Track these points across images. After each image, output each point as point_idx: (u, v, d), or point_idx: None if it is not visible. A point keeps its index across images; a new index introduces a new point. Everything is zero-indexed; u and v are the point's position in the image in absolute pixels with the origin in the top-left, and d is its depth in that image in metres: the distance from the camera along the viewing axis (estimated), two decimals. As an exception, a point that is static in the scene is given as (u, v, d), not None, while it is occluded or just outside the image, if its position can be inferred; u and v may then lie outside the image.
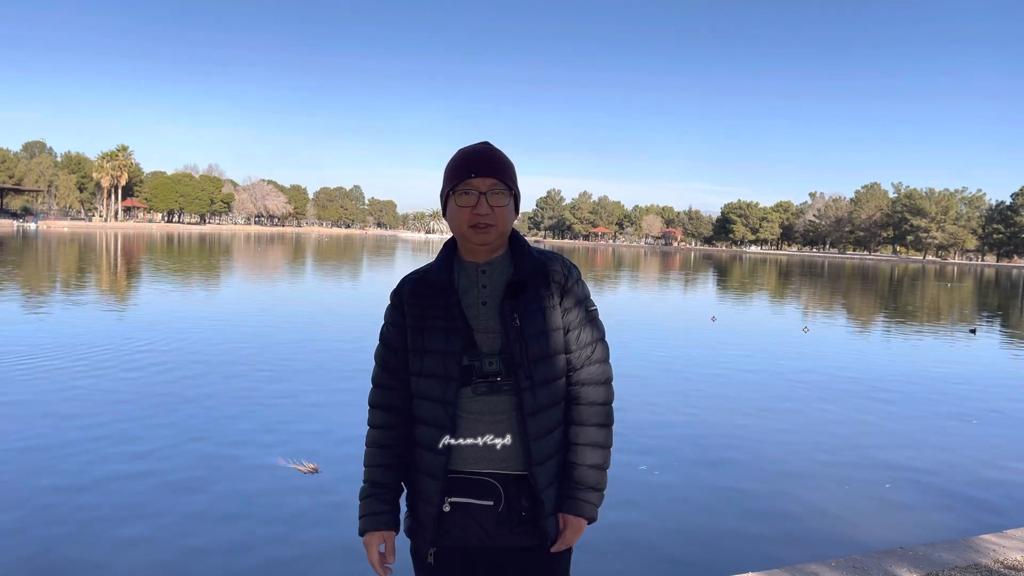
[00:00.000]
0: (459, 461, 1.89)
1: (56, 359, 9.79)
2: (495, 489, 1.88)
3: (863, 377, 11.26)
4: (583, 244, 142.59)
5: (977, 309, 27.70)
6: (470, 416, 1.88)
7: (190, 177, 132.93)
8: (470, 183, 1.88)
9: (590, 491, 1.93)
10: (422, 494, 1.92)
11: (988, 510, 5.71)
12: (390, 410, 1.98)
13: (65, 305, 16.22)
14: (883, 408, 9.19)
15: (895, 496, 5.94)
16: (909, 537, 4.89)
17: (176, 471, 5.78)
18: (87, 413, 7.29)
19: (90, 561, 4.32)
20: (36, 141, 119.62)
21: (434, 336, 1.90)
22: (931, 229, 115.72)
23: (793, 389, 10.13)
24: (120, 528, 4.73)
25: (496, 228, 1.89)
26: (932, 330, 19.29)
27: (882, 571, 3.76)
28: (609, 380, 1.99)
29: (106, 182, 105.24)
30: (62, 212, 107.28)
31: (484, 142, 1.99)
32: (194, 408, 7.68)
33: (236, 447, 6.44)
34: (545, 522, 1.90)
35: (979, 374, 12.43)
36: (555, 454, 1.92)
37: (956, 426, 8.44)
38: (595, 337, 1.98)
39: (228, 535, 4.72)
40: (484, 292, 1.92)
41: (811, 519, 5.39)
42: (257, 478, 5.70)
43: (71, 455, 6.05)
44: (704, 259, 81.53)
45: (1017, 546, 4.23)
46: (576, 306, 1.96)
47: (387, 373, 1.98)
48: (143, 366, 9.63)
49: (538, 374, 1.87)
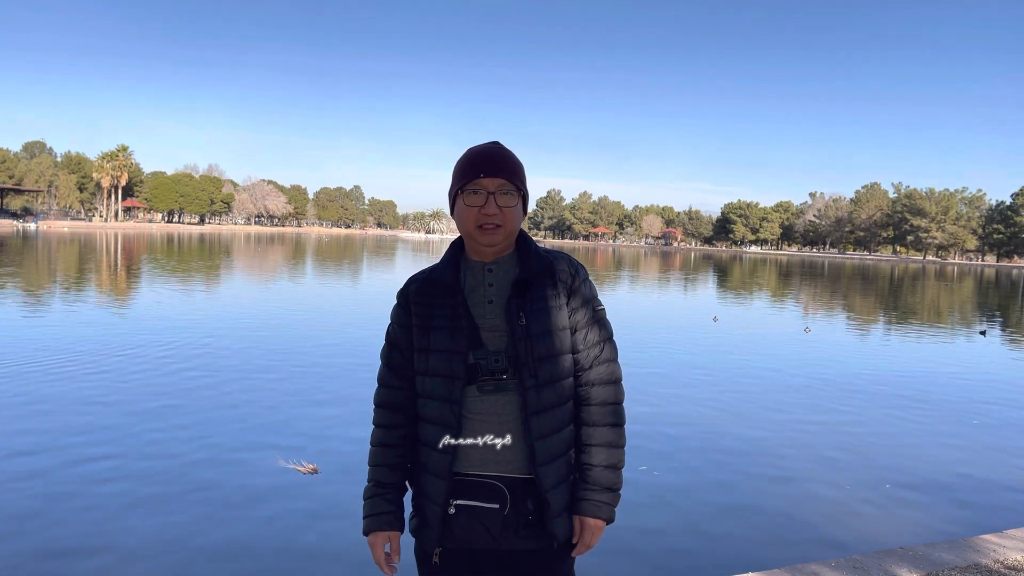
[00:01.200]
0: (464, 463, 1.88)
1: (56, 359, 9.78)
2: (501, 492, 1.87)
3: (863, 377, 11.26)
4: (583, 244, 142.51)
5: (978, 309, 27.70)
6: (475, 416, 1.88)
7: (190, 177, 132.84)
8: (479, 183, 1.87)
9: (605, 492, 1.92)
10: (428, 494, 1.91)
11: (988, 510, 5.71)
12: (396, 410, 1.97)
13: (65, 305, 16.22)
14: (883, 408, 9.19)
15: (895, 496, 5.94)
16: (909, 537, 4.90)
17: (175, 470, 5.78)
18: (86, 413, 7.30)
19: (90, 561, 4.32)
20: (36, 141, 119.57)
21: (440, 335, 1.89)
22: (931, 229, 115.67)
23: (793, 389, 10.13)
24: (119, 528, 4.74)
25: (503, 229, 1.88)
26: (932, 330, 19.30)
27: (882, 571, 3.76)
28: (618, 379, 1.98)
29: (106, 182, 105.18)
30: (62, 212, 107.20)
31: (494, 142, 1.98)
32: (194, 407, 7.68)
33: (236, 447, 6.45)
34: (552, 523, 1.88)
35: (980, 374, 12.43)
36: (561, 455, 1.91)
37: (957, 426, 8.45)
38: (603, 337, 1.97)
39: (227, 535, 4.73)
40: (490, 291, 1.92)
41: (811, 519, 5.40)
42: (257, 478, 5.71)
43: (70, 455, 6.05)
44: (704, 259, 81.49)
45: (1017, 546, 4.24)
46: (583, 306, 1.95)
47: (393, 372, 1.98)
48: (143, 365, 9.63)
49: (543, 373, 1.86)
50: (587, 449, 1.93)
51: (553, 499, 1.88)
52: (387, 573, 1.96)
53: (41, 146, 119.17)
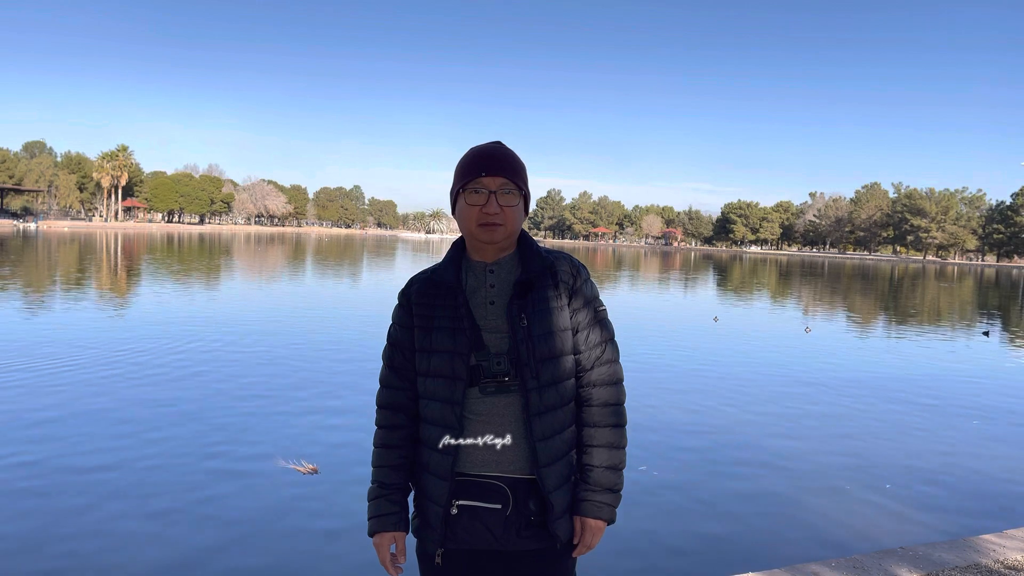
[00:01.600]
0: (467, 464, 1.88)
1: (56, 359, 9.79)
2: (503, 493, 1.87)
3: (864, 378, 11.26)
4: (583, 244, 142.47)
5: (978, 309, 27.69)
6: (477, 417, 1.88)
7: (190, 177, 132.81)
8: (480, 182, 1.87)
9: (606, 493, 1.93)
10: (429, 495, 1.91)
11: (988, 510, 5.72)
12: (398, 410, 1.97)
13: (65, 305, 16.21)
14: (884, 408, 9.20)
15: (895, 496, 5.94)
16: (909, 537, 4.90)
17: (174, 470, 5.79)
18: (85, 412, 7.30)
19: (89, 561, 4.33)
20: (36, 141, 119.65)
21: (441, 336, 1.89)
22: (931, 229, 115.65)
23: (794, 389, 10.13)
24: (117, 528, 4.74)
25: (505, 228, 1.88)
26: (933, 331, 19.29)
27: (882, 571, 3.76)
28: (620, 380, 1.98)
29: (106, 182, 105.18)
30: (62, 212, 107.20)
31: (496, 141, 1.98)
32: (193, 406, 7.68)
33: (235, 446, 6.45)
34: (555, 524, 1.88)
35: (980, 374, 12.43)
36: (563, 456, 1.91)
37: (957, 426, 8.45)
38: (604, 338, 1.97)
39: (226, 535, 4.73)
40: (492, 292, 1.91)
41: (811, 519, 5.40)
42: (257, 478, 5.71)
43: (68, 454, 6.05)
44: (704, 259, 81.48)
45: (1017, 546, 4.24)
46: (585, 307, 1.95)
47: (395, 373, 1.98)
48: (142, 365, 9.63)
49: (545, 374, 1.86)
50: (588, 450, 1.94)
51: (556, 500, 1.88)
52: (393, 574, 1.95)
53: (41, 146, 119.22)
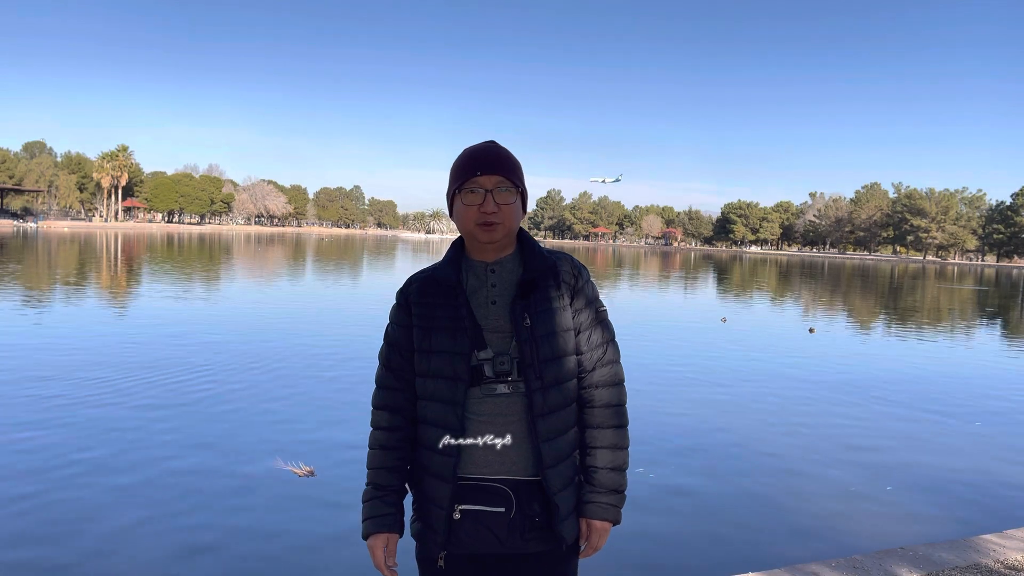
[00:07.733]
0: (468, 465, 1.85)
1: (56, 359, 9.78)
2: (506, 495, 1.84)
3: (865, 378, 11.25)
4: (583, 244, 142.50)
5: (978, 309, 27.68)
6: (478, 418, 1.86)
7: (190, 177, 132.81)
8: (476, 181, 1.86)
9: (611, 494, 1.92)
10: (431, 497, 1.88)
11: (988, 510, 5.71)
12: (395, 411, 1.95)
13: (64, 305, 16.21)
14: (885, 409, 9.19)
15: (895, 496, 5.94)
16: (909, 537, 4.89)
17: (172, 471, 5.78)
18: (83, 412, 7.29)
19: (88, 561, 4.32)
20: (36, 141, 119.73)
21: (441, 336, 1.87)
22: (931, 229, 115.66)
23: (795, 390, 10.12)
24: (116, 528, 4.73)
25: (503, 226, 1.87)
26: (934, 331, 19.28)
27: (882, 571, 3.76)
28: (621, 381, 1.98)
29: (106, 182, 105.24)
30: (62, 212, 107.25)
31: (490, 141, 1.97)
32: (191, 409, 7.67)
33: (232, 448, 6.44)
34: (561, 526, 1.87)
35: (981, 375, 12.43)
36: (567, 457, 1.90)
37: (957, 426, 8.44)
38: (606, 338, 1.96)
39: (223, 536, 4.72)
40: (494, 291, 1.90)
41: (811, 519, 5.40)
42: (254, 480, 5.70)
43: (67, 454, 6.05)
44: (704, 259, 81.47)
45: (1017, 546, 4.24)
46: (587, 307, 1.94)
47: (392, 374, 1.96)
48: (140, 365, 9.62)
49: (548, 375, 1.85)
50: (592, 451, 1.93)
51: (561, 501, 1.87)
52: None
53: (41, 146, 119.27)
